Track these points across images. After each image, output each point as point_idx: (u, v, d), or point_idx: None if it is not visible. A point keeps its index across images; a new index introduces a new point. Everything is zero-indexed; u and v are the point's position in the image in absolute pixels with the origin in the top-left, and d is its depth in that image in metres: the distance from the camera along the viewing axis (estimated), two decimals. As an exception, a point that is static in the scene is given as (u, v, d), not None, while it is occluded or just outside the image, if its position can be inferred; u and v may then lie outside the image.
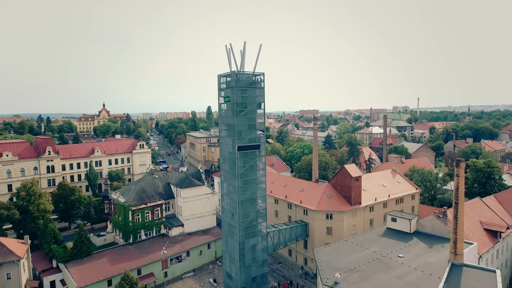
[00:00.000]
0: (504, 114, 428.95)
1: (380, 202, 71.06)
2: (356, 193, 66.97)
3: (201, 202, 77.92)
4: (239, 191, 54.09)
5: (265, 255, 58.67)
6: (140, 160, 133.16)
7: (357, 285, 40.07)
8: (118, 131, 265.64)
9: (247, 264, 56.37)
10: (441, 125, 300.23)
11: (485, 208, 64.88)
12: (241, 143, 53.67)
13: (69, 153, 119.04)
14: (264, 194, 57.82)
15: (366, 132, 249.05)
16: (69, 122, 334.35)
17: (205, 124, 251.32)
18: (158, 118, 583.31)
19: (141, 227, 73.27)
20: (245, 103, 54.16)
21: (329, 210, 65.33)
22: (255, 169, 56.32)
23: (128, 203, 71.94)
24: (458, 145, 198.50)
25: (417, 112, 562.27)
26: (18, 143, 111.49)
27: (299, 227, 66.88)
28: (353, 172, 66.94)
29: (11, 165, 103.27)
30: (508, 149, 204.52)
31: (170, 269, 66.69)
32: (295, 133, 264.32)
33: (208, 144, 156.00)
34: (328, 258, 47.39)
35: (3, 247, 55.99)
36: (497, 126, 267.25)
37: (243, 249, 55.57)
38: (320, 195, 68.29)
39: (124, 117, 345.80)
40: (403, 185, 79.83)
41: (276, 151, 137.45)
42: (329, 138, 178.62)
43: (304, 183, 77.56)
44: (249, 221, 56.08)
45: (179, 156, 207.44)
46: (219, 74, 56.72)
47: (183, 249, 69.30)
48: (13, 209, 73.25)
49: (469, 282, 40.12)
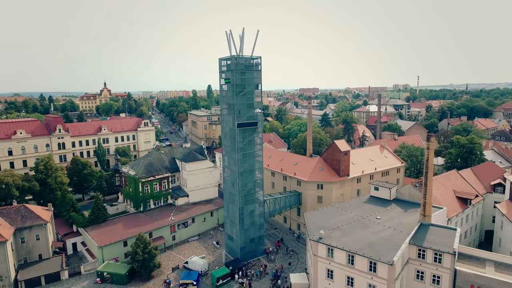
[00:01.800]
0: (502, 93, 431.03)
1: (367, 174, 78.19)
2: (344, 166, 73.97)
3: (204, 175, 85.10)
4: (238, 163, 61.06)
5: (262, 220, 66.41)
6: (144, 138, 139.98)
7: (338, 239, 47.53)
8: (120, 110, 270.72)
9: (246, 227, 64.20)
10: (438, 104, 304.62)
11: (460, 179, 72.08)
12: (240, 121, 60.13)
13: (78, 131, 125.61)
14: (261, 166, 64.87)
15: (363, 111, 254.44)
16: (71, 101, 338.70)
17: (206, 103, 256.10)
18: (159, 97, 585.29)
19: (150, 197, 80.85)
20: (243, 84, 60.15)
21: (319, 181, 72.58)
22: (253, 144, 63.08)
23: (138, 176, 79.11)
24: (452, 123, 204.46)
25: (417, 91, 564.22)
26: (30, 121, 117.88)
27: (293, 196, 74.41)
28: (342, 147, 73.68)
29: (25, 142, 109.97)
30: (500, 127, 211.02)
31: (178, 233, 74.75)
32: (294, 112, 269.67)
33: (209, 122, 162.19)
34: (316, 220, 54.82)
35: (32, 213, 63.67)
36: (492, 104, 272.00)
37: (243, 214, 63.19)
38: (312, 168, 75.34)
39: (125, 96, 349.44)
40: (390, 159, 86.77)
41: (274, 129, 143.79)
42: (326, 116, 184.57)
43: (298, 158, 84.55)
44: (248, 190, 63.40)
45: (181, 134, 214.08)
46: (220, 58, 62.34)
47: (189, 216, 77.13)
48: (33, 181, 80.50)
49: (432, 237, 47.57)
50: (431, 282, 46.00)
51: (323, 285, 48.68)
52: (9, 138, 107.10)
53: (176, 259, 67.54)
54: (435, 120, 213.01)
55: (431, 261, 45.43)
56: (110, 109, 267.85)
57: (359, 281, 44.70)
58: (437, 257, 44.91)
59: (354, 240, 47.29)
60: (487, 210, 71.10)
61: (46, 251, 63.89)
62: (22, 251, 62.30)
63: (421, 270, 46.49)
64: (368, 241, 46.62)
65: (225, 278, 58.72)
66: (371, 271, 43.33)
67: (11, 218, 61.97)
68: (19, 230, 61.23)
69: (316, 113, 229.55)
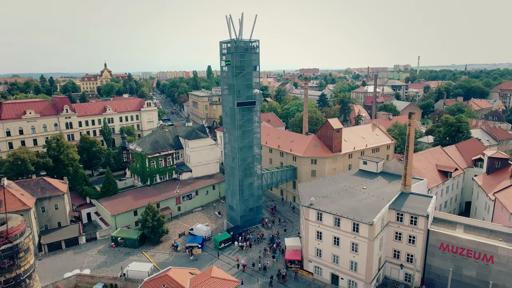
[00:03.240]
0: (502, 73, 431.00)
1: (358, 151, 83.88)
2: (337, 143, 79.55)
3: (206, 151, 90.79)
4: (238, 139, 66.61)
5: (260, 191, 72.62)
6: (148, 118, 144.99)
7: (327, 205, 53.61)
8: (121, 90, 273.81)
9: (245, 198, 70.47)
10: (436, 84, 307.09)
11: (443, 155, 77.84)
12: (239, 100, 65.24)
13: (84, 111, 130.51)
14: (259, 142, 70.47)
15: (361, 91, 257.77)
16: (72, 82, 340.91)
17: (206, 83, 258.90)
18: (158, 78, 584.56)
19: (156, 172, 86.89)
20: (243, 66, 64.84)
21: (313, 156, 78.37)
22: (251, 122, 68.41)
23: (145, 152, 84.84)
24: (448, 103, 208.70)
25: (417, 71, 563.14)
26: (38, 102, 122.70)
27: (289, 171, 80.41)
28: (334, 125, 79.03)
29: (35, 121, 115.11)
30: (494, 107, 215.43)
31: (183, 204, 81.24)
32: (293, 92, 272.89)
33: (210, 102, 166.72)
34: (308, 190, 60.83)
35: (50, 185, 69.84)
36: (489, 85, 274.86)
37: (242, 186, 69.29)
38: (307, 144, 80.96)
39: (126, 77, 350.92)
40: (381, 137, 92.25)
41: (273, 109, 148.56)
42: (323, 96, 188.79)
43: (294, 135, 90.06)
44: (247, 164, 69.24)
45: (182, 114, 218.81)
46: (221, 41, 66.72)
47: (193, 189, 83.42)
48: (47, 158, 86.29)
49: (410, 203, 53.65)
50: (407, 242, 52.51)
51: (313, 245, 55.22)
52: (19, 118, 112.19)
53: (182, 227, 74.26)
54: (431, 101, 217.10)
55: (408, 223, 51.72)
56: (112, 90, 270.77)
57: (344, 240, 51.12)
58: (413, 220, 51.16)
59: (341, 206, 53.34)
60: (468, 183, 77.18)
61: (64, 219, 70.51)
62: (43, 219, 68.87)
63: (399, 231, 52.87)
64: (353, 207, 52.67)
65: (227, 242, 65.46)
66: (354, 231, 49.63)
67: (31, 189, 68.18)
68: (40, 200, 67.54)
69: (315, 94, 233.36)
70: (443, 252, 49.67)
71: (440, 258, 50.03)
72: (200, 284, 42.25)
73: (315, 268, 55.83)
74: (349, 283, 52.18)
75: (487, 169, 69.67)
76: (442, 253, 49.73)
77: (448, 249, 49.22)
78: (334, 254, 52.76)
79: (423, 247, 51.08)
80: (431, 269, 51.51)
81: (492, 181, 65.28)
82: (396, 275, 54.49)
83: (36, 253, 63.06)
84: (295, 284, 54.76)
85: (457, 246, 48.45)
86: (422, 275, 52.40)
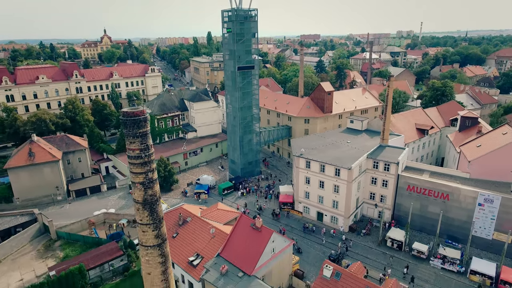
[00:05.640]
0: (504, 40, 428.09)
1: (348, 111, 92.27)
2: (328, 104, 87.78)
3: (209, 113, 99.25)
4: (239, 100, 74.91)
5: (258, 147, 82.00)
6: (152, 83, 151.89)
7: (314, 155, 62.90)
8: (122, 57, 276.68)
9: (245, 153, 79.99)
10: (435, 51, 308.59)
11: (423, 115, 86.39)
12: (240, 64, 72.76)
13: (92, 77, 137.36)
14: (257, 103, 78.80)
15: (360, 58, 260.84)
16: (72, 49, 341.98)
17: (207, 50, 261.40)
18: (158, 44, 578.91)
19: (165, 131, 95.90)
20: (242, 33, 71.73)
21: (306, 116, 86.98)
22: (250, 84, 76.33)
23: (153, 113, 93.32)
24: (444, 70, 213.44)
25: (419, 38, 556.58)
26: (49, 67, 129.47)
27: (284, 129, 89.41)
28: (326, 88, 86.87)
29: (47, 86, 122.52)
30: (489, 74, 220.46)
31: (189, 160, 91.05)
32: (292, 58, 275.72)
33: (211, 68, 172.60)
34: (300, 143, 69.95)
35: (73, 141, 79.20)
36: (487, 52, 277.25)
37: (242, 141, 78.51)
38: (301, 106, 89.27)
39: (126, 43, 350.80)
40: (370, 100, 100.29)
41: (272, 75, 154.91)
42: (321, 63, 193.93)
43: (290, 98, 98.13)
44: (246, 122, 78.02)
45: (183, 80, 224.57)
46: (223, 10, 73.05)
47: (198, 147, 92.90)
48: (65, 118, 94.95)
49: (385, 154, 62.90)
50: (381, 185, 62.45)
51: (302, 189, 65.30)
52: (33, 83, 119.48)
53: (189, 178, 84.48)
54: (427, 67, 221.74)
55: (382, 169, 61.33)
56: (113, 56, 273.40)
57: (328, 183, 61.00)
58: (386, 167, 60.72)
59: (326, 155, 62.68)
60: (444, 140, 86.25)
61: (86, 171, 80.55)
62: (69, 170, 78.83)
63: (375, 176, 62.65)
64: (337, 156, 62.02)
65: (229, 189, 75.80)
66: (336, 175, 59.33)
67: (57, 144, 77.53)
68: (65, 154, 77.09)
69: (313, 60, 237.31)
70: (409, 193, 59.66)
71: (407, 198, 60.06)
72: (209, 214, 52.59)
73: (304, 208, 66.33)
74: (332, 218, 62.77)
75: (459, 127, 78.42)
76: (408, 194, 59.73)
77: (413, 190, 59.16)
78: (320, 195, 62.90)
79: (394, 189, 61.06)
80: (400, 207, 61.79)
81: (462, 137, 74.27)
82: (372, 213, 65.01)
83: (65, 198, 73.84)
84: (287, 221, 65.45)
85: (420, 187, 58.36)
86: (392, 212, 62.85)
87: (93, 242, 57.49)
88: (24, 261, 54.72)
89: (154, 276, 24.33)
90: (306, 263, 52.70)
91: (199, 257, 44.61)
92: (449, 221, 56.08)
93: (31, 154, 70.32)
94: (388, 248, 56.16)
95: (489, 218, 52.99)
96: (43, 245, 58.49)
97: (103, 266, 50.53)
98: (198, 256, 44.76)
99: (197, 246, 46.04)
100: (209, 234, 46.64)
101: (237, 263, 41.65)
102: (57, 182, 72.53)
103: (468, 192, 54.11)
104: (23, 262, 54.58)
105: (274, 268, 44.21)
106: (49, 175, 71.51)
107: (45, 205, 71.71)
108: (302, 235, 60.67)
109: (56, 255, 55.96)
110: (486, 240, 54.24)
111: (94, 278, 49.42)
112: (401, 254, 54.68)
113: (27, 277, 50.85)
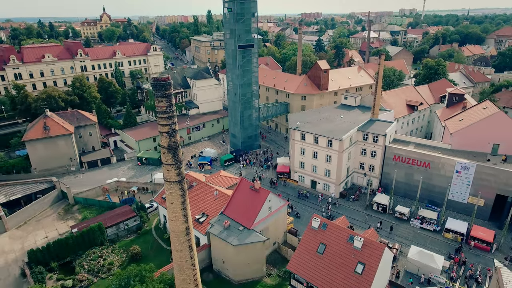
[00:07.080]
0: (507, 18, 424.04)
1: (343, 89, 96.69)
2: (324, 82, 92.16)
3: (211, 90, 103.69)
4: (239, 77, 79.38)
5: (257, 122, 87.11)
6: (154, 62, 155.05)
7: (309, 128, 68.05)
8: (122, 36, 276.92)
9: (245, 127, 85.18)
10: (436, 30, 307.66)
11: (414, 92, 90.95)
12: (240, 43, 76.75)
13: (96, 55, 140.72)
14: (256, 80, 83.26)
15: (359, 37, 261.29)
16: (72, 27, 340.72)
17: (207, 28, 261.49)
18: (157, 22, 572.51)
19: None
20: (243, 13, 75.33)
21: (303, 93, 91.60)
22: (250, 62, 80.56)
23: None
24: (442, 49, 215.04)
25: (422, 16, 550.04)
26: (54, 46, 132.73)
27: (282, 106, 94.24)
28: (323, 66, 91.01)
29: (53, 65, 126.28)
30: (487, 53, 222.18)
31: (192, 135, 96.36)
32: (292, 37, 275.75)
33: (212, 47, 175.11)
34: (296, 118, 74.94)
35: (83, 116, 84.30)
36: (487, 31, 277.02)
37: (243, 116, 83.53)
38: (299, 83, 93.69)
39: (125, 21, 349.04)
40: (365, 78, 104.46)
41: (271, 53, 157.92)
42: (320, 42, 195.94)
43: (288, 76, 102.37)
44: (246, 99, 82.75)
45: (184, 59, 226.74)
46: (224, -10, 76.25)
47: (200, 122, 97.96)
48: (74, 95, 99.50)
49: (375, 127, 68.01)
50: (370, 156, 67.97)
51: (298, 159, 70.90)
52: (39, 61, 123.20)
53: (193, 151, 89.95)
54: (426, 47, 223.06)
55: (371, 141, 66.66)
56: (113, 35, 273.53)
57: (321, 154, 66.50)
58: (375, 138, 66.02)
59: (320, 128, 67.84)
60: (433, 116, 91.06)
61: (97, 144, 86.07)
62: (80, 144, 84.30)
63: (364, 148, 68.09)
64: (330, 129, 67.15)
65: (230, 161, 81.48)
66: (328, 146, 64.72)
67: (69, 119, 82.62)
68: (77, 128, 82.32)
69: (313, 39, 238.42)
70: (395, 162, 65.24)
71: (393, 167, 65.66)
72: (213, 179, 58.40)
73: (299, 177, 72.18)
74: (324, 186, 68.70)
75: (447, 104, 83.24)
76: (394, 163, 65.33)
77: (399, 159, 64.72)
78: (313, 165, 68.55)
79: (382, 159, 66.62)
80: (387, 176, 67.49)
81: (449, 112, 79.17)
82: (361, 181, 70.88)
83: (79, 169, 79.65)
84: (284, 189, 71.43)
85: (405, 157, 63.90)
86: (380, 180, 68.69)
87: (107, 206, 63.66)
88: (47, 222, 61.07)
89: (176, 205, 31.10)
90: (299, 224, 58.92)
91: (205, 215, 50.72)
92: (430, 188, 61.97)
93: (46, 128, 75.52)
94: (374, 212, 62.33)
95: (465, 184, 58.76)
96: (62, 209, 64.75)
97: (118, 225, 56.70)
98: (204, 214, 50.87)
99: (202, 206, 52.05)
100: (213, 196, 52.57)
101: (238, 219, 47.74)
102: (70, 154, 78.13)
103: (447, 161, 59.65)
104: (46, 223, 60.94)
105: (270, 225, 50.36)
106: (63, 147, 77.01)
107: (60, 175, 77.50)
108: (297, 200, 66.81)
109: (75, 217, 62.27)
110: (462, 204, 60.22)
111: (111, 235, 55.69)
112: (385, 216, 60.88)
113: (51, 235, 57.24)
